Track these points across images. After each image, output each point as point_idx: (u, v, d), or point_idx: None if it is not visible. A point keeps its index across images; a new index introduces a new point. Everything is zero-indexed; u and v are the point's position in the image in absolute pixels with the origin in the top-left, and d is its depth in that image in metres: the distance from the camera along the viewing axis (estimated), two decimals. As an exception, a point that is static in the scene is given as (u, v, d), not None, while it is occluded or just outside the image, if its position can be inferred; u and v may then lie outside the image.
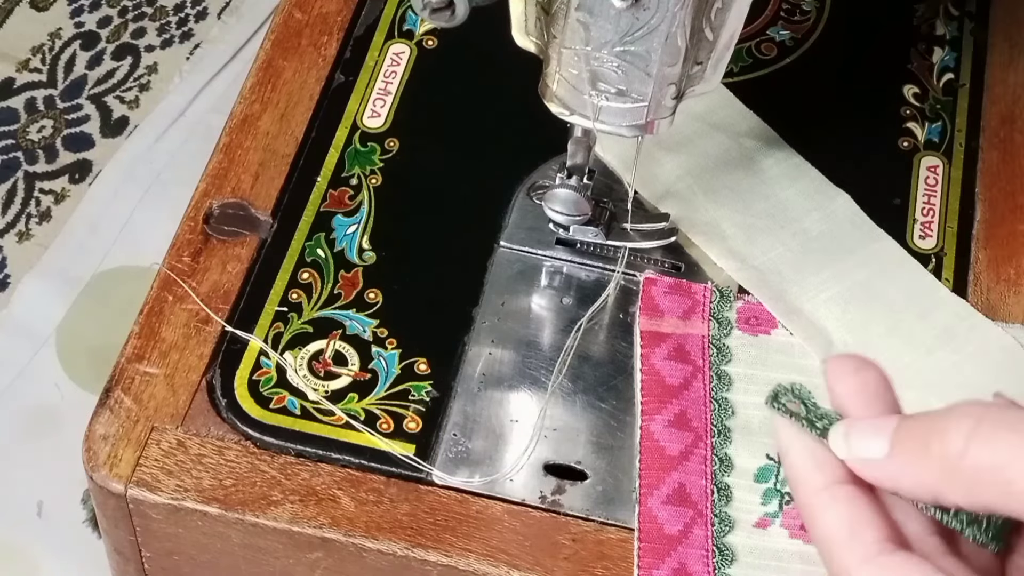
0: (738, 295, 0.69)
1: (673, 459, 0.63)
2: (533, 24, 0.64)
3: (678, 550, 0.61)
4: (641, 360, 0.66)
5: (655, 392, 0.65)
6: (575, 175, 0.69)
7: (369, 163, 0.76)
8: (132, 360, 0.68)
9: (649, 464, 0.63)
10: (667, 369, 0.66)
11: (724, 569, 0.60)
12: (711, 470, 0.63)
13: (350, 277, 0.72)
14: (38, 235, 1.08)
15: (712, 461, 0.63)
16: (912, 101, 0.80)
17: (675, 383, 0.65)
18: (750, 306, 0.68)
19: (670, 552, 0.61)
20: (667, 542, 0.61)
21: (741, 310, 0.68)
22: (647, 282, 0.69)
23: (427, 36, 0.82)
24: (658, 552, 0.61)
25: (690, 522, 0.62)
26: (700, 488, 0.62)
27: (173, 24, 1.20)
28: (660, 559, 0.61)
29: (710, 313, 0.68)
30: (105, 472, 0.65)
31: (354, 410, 0.67)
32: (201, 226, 0.73)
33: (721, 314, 0.68)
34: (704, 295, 0.68)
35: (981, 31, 0.84)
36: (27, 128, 1.13)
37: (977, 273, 0.74)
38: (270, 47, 0.80)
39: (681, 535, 0.61)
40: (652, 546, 0.61)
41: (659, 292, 0.68)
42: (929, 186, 0.77)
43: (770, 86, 0.81)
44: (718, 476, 0.63)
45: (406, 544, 0.64)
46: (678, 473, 0.63)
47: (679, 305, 0.68)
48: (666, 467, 0.63)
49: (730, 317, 0.68)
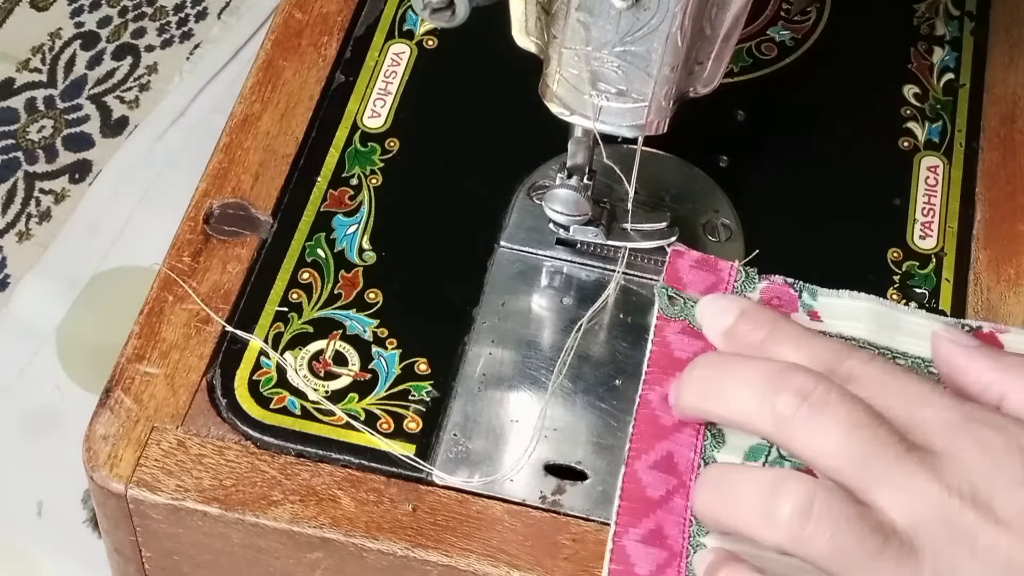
0: (763, 276, 0.68)
1: (666, 429, 0.63)
2: (533, 24, 0.64)
3: (657, 513, 0.61)
4: (655, 331, 0.66)
5: (661, 364, 0.64)
6: (575, 175, 0.69)
7: (369, 163, 0.76)
8: (132, 360, 0.69)
9: (642, 431, 0.63)
10: (679, 343, 0.65)
11: (699, 537, 0.60)
12: (702, 444, 0.63)
13: (350, 277, 0.72)
14: (38, 235, 1.08)
15: (704, 435, 0.63)
16: (912, 101, 0.80)
17: (684, 357, 0.64)
18: (774, 287, 0.68)
19: (648, 514, 0.61)
20: (647, 504, 0.61)
21: (765, 291, 0.67)
22: (674, 253, 0.68)
23: (427, 36, 0.82)
24: (637, 512, 0.61)
25: (672, 490, 0.62)
26: (687, 460, 0.62)
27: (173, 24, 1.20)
28: (638, 519, 0.61)
29: (733, 291, 0.67)
30: (105, 472, 0.65)
31: (354, 410, 0.67)
32: (201, 226, 0.73)
33: (744, 293, 0.67)
34: (730, 273, 0.67)
35: (981, 31, 0.84)
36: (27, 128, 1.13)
37: (977, 273, 0.74)
38: (270, 47, 0.80)
39: (662, 500, 0.61)
40: (632, 505, 0.61)
41: (684, 265, 0.67)
42: (929, 186, 0.77)
43: (770, 86, 0.81)
44: (708, 450, 0.63)
45: (406, 544, 0.64)
46: (668, 443, 0.63)
47: (703, 280, 0.67)
48: (658, 436, 0.63)
49: (753, 297, 0.67)
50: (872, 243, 0.75)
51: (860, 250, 0.75)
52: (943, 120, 0.80)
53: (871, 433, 0.55)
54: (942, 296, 0.73)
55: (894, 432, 0.55)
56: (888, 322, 0.67)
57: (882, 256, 0.74)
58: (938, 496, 0.53)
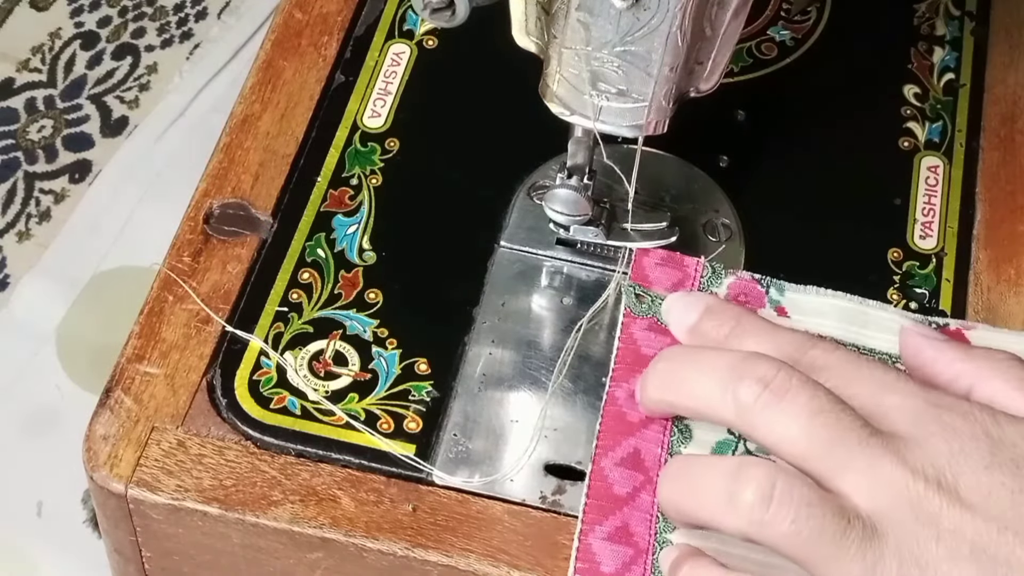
0: (730, 271, 0.68)
1: (633, 425, 0.63)
2: (533, 24, 0.64)
3: (623, 511, 0.61)
4: (621, 328, 0.66)
5: (628, 360, 0.65)
6: (575, 175, 0.69)
7: (369, 163, 0.76)
8: (132, 360, 0.69)
9: (609, 427, 0.63)
10: (645, 340, 0.65)
11: (665, 534, 0.61)
12: (668, 439, 0.63)
13: (350, 277, 0.72)
14: (38, 235, 1.08)
15: (671, 431, 0.63)
16: (912, 101, 0.80)
17: (650, 353, 0.65)
18: (741, 282, 0.68)
19: (615, 511, 0.61)
20: (614, 501, 0.61)
21: (732, 286, 0.68)
22: (639, 252, 0.68)
23: (427, 36, 0.82)
24: (603, 510, 0.61)
25: (639, 487, 0.62)
26: (654, 456, 0.62)
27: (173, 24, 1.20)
28: (604, 516, 0.61)
29: (700, 287, 0.67)
30: (105, 472, 0.65)
31: (354, 410, 0.67)
32: (201, 226, 0.73)
33: (710, 289, 0.67)
34: (696, 269, 0.68)
35: (981, 31, 0.84)
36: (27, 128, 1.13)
37: (977, 273, 0.74)
38: (270, 47, 0.80)
39: (629, 497, 0.62)
40: (599, 503, 0.61)
41: (650, 263, 0.68)
42: (929, 186, 0.77)
43: (770, 86, 0.81)
44: (674, 446, 0.63)
45: (406, 544, 0.64)
46: (635, 439, 0.63)
47: (669, 277, 0.68)
48: (625, 432, 0.63)
49: (719, 292, 0.68)
50: (872, 243, 0.75)
51: (860, 250, 0.75)
52: (943, 120, 0.80)
53: (834, 418, 0.54)
54: (942, 296, 0.73)
55: (857, 418, 0.55)
56: (856, 318, 0.67)
57: (882, 256, 0.74)
58: (902, 480, 0.53)
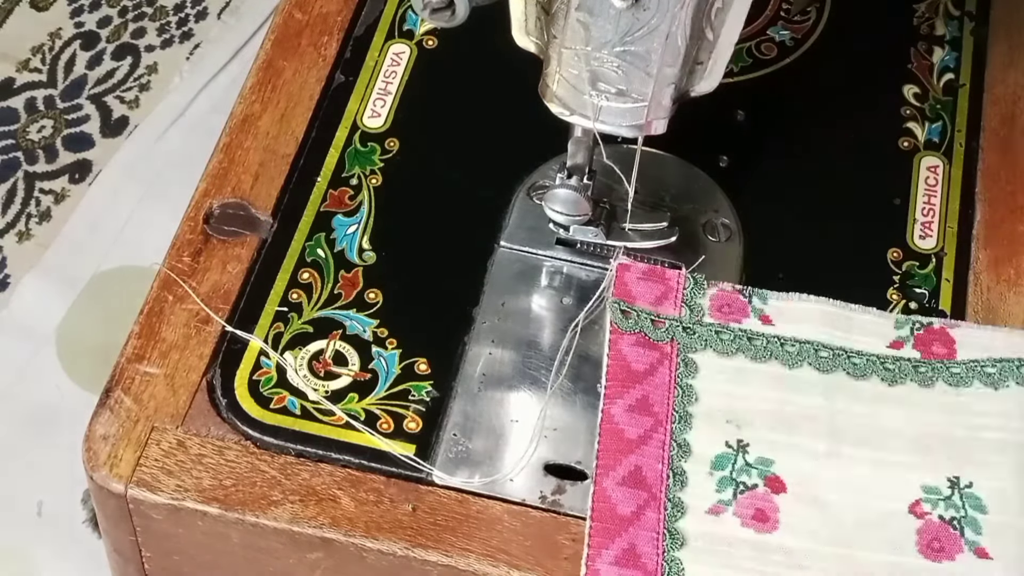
0: (711, 283, 0.69)
1: (631, 442, 0.63)
2: (533, 24, 0.64)
3: (629, 531, 0.61)
4: (609, 345, 0.66)
5: (619, 376, 0.65)
6: (575, 175, 0.69)
7: (369, 163, 0.76)
8: (132, 360, 0.69)
9: (607, 446, 0.63)
10: (634, 355, 0.66)
11: (673, 552, 0.61)
12: (668, 455, 0.63)
13: (350, 277, 0.72)
14: (38, 235, 1.08)
15: (670, 446, 0.63)
16: (912, 101, 0.80)
17: (640, 368, 0.65)
18: (723, 294, 0.68)
19: (621, 532, 0.61)
20: (619, 523, 0.62)
21: (714, 297, 0.68)
22: (620, 268, 0.69)
23: (427, 36, 0.82)
24: (609, 532, 0.61)
25: (643, 504, 0.62)
26: (656, 472, 0.63)
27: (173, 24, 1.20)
28: (611, 539, 0.61)
29: (683, 300, 0.68)
30: (105, 472, 0.65)
31: (354, 410, 0.67)
32: (201, 226, 0.73)
33: (694, 300, 0.68)
34: (678, 281, 0.68)
35: (981, 31, 0.84)
36: (27, 128, 1.13)
37: (977, 273, 0.74)
38: (270, 47, 0.80)
39: (634, 516, 0.62)
40: (604, 526, 0.62)
41: (632, 278, 0.68)
42: (929, 186, 0.77)
43: (770, 86, 0.81)
44: (675, 461, 0.63)
45: (406, 544, 0.64)
46: (635, 456, 0.63)
47: (652, 291, 0.68)
48: (624, 450, 0.63)
49: (703, 304, 0.68)
50: (872, 243, 0.75)
51: (860, 250, 0.75)
52: (943, 120, 0.80)
53: None
54: (942, 296, 0.73)
55: None
56: (840, 322, 0.68)
57: (882, 256, 0.74)
58: None
